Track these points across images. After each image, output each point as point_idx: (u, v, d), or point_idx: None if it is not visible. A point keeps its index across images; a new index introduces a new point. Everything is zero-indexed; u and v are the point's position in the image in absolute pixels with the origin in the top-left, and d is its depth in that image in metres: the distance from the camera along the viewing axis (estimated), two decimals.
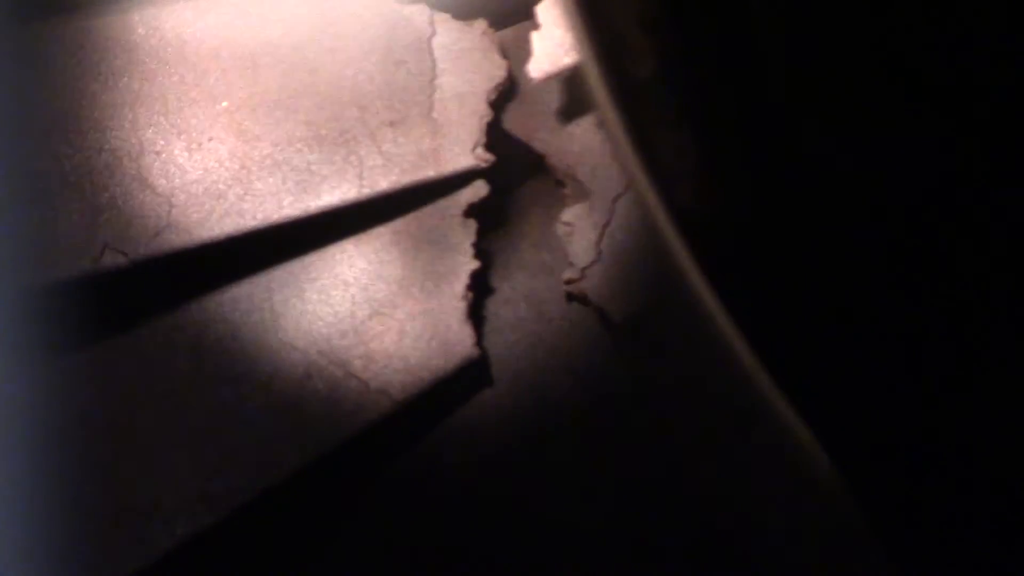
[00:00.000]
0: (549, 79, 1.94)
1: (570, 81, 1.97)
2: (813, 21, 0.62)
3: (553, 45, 1.94)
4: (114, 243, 1.65)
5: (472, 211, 1.85)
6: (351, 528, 1.71)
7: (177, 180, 1.73)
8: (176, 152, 1.76)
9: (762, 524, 1.66)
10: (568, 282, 1.85)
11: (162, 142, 1.76)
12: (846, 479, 0.84)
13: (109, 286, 1.65)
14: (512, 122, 2.01)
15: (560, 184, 1.98)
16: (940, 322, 0.70)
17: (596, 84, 0.76)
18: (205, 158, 1.76)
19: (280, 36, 1.89)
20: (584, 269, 1.84)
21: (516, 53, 2.01)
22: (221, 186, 1.74)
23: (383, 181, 1.80)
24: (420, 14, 1.97)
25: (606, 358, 1.84)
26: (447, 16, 1.98)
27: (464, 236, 1.83)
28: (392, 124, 1.85)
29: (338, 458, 1.63)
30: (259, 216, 1.72)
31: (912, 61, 0.60)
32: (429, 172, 1.82)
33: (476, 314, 1.83)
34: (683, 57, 0.68)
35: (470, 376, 1.78)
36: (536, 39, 1.96)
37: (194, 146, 1.77)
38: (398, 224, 1.83)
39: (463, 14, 2.00)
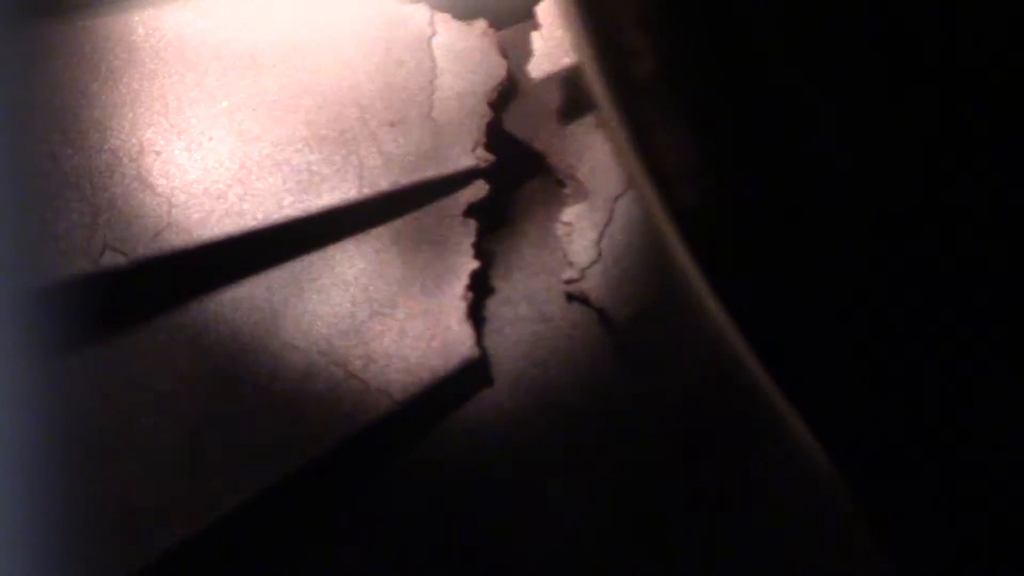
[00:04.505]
0: (549, 79, 1.94)
1: (570, 81, 1.97)
2: (814, 20, 0.61)
3: (553, 45, 1.95)
4: (114, 243, 1.65)
5: (472, 211, 1.85)
6: (351, 528, 1.71)
7: (177, 180, 1.73)
8: (176, 152, 1.76)
9: (762, 524, 1.66)
10: (568, 282, 1.85)
11: (162, 142, 1.76)
12: (846, 479, 0.83)
13: (109, 286, 1.65)
14: (512, 122, 2.01)
15: (560, 184, 1.98)
16: (943, 322, 0.70)
17: (596, 84, 0.76)
18: (205, 158, 1.76)
19: (280, 36, 1.89)
20: (584, 269, 1.84)
21: (516, 53, 2.01)
22: (221, 186, 1.74)
23: (383, 181, 1.80)
24: (420, 14, 1.97)
25: (606, 358, 1.84)
26: (447, 16, 1.98)
27: (464, 236, 1.83)
28: (392, 124, 1.85)
29: (338, 458, 1.63)
30: (259, 216, 1.72)
31: (917, 59, 0.60)
32: (429, 172, 1.82)
33: (476, 314, 1.83)
34: (683, 57, 0.68)
35: (470, 376, 1.78)
36: (536, 39, 1.96)
37: (194, 146, 1.77)
38: (398, 224, 1.83)
39: (463, 14, 2.00)
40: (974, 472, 0.76)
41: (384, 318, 1.74)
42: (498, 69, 1.95)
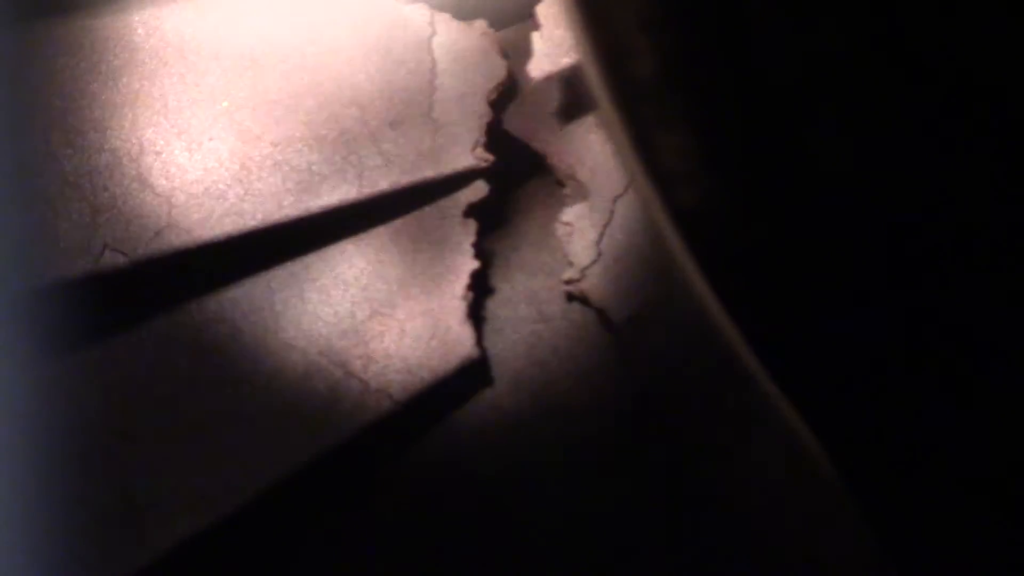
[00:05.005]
0: (549, 79, 1.94)
1: (570, 81, 1.97)
2: (814, 20, 0.62)
3: (553, 45, 1.95)
4: (114, 243, 1.65)
5: (472, 211, 1.85)
6: (351, 528, 1.71)
7: (177, 180, 1.73)
8: (176, 152, 1.76)
9: (762, 523, 1.66)
10: (568, 282, 1.85)
11: (162, 142, 1.76)
12: (845, 477, 0.84)
13: (109, 286, 1.65)
14: (512, 122, 2.01)
15: (560, 184, 1.98)
16: (941, 322, 0.70)
17: (596, 84, 0.76)
18: (205, 158, 1.76)
19: (280, 36, 1.89)
20: (584, 269, 1.84)
21: (516, 53, 2.01)
22: (221, 186, 1.74)
23: (383, 181, 1.80)
24: (420, 14, 1.97)
25: (606, 358, 1.84)
26: (447, 16, 1.98)
27: (464, 236, 1.83)
28: (392, 124, 1.85)
29: (338, 458, 1.63)
30: (259, 216, 1.72)
31: (918, 60, 0.60)
32: (429, 172, 1.82)
33: (476, 314, 1.83)
34: (683, 57, 0.68)
35: (470, 376, 1.78)
36: (536, 39, 1.96)
37: (194, 146, 1.77)
38: (398, 224, 1.83)
39: (463, 14, 2.00)
40: (974, 472, 0.76)
41: (384, 318, 1.74)
42: (498, 69, 1.95)
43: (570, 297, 1.87)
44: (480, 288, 1.87)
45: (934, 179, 0.64)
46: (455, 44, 1.96)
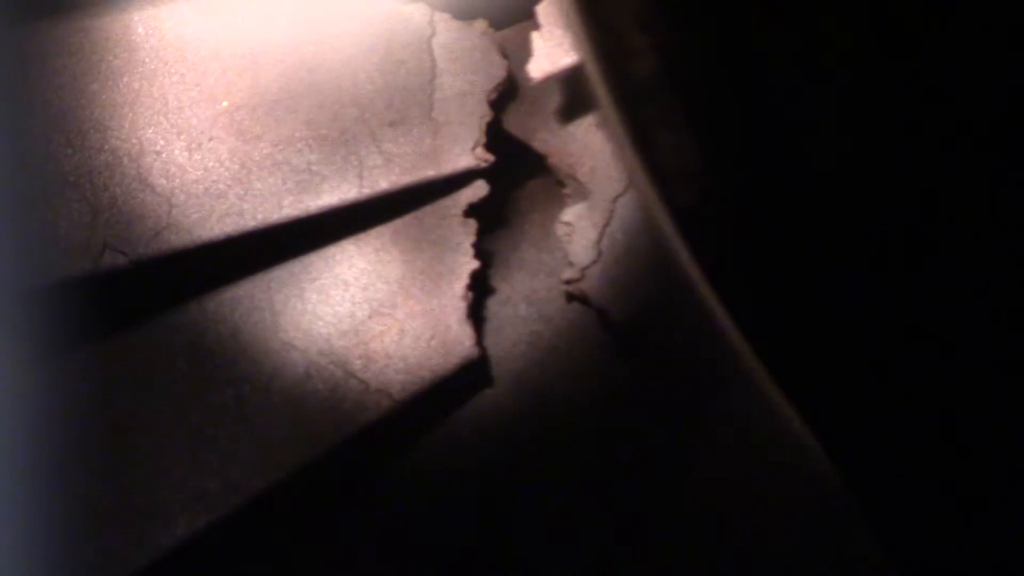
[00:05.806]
0: (549, 79, 1.95)
1: (570, 81, 1.97)
2: (812, 20, 0.62)
3: (553, 45, 1.95)
4: (114, 243, 1.65)
5: (472, 211, 1.85)
6: (351, 528, 1.71)
7: (177, 180, 1.73)
8: (176, 152, 1.76)
9: (762, 523, 1.66)
10: (568, 282, 1.85)
11: (162, 142, 1.76)
12: (845, 477, 0.84)
13: (109, 286, 1.65)
14: (512, 122, 2.01)
15: (560, 184, 1.98)
16: (940, 321, 0.70)
17: (596, 84, 0.76)
18: (205, 158, 1.76)
19: (280, 36, 1.89)
20: (584, 269, 1.84)
21: (516, 53, 2.01)
22: (221, 186, 1.74)
23: (383, 181, 1.80)
24: (420, 14, 1.97)
25: (606, 358, 1.84)
26: (447, 16, 1.98)
27: (464, 236, 1.83)
28: (392, 124, 1.85)
29: (338, 458, 1.63)
30: (259, 216, 1.72)
31: (916, 61, 0.60)
32: (429, 172, 1.82)
33: (476, 314, 1.83)
34: (683, 57, 0.68)
35: (470, 376, 1.78)
36: (536, 39, 1.96)
37: (194, 146, 1.77)
38: (398, 224, 1.83)
39: (463, 14, 2.00)
40: (974, 472, 0.76)
41: (384, 318, 1.74)
42: (498, 69, 1.95)
43: (570, 297, 1.87)
44: (480, 288, 1.87)
45: (929, 179, 0.64)
46: (455, 44, 1.96)
